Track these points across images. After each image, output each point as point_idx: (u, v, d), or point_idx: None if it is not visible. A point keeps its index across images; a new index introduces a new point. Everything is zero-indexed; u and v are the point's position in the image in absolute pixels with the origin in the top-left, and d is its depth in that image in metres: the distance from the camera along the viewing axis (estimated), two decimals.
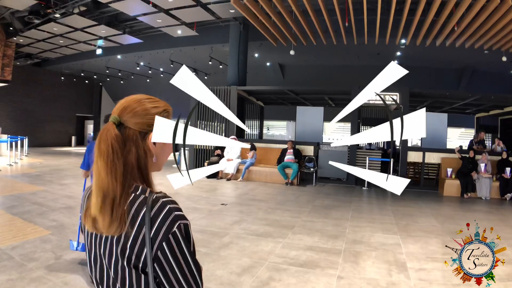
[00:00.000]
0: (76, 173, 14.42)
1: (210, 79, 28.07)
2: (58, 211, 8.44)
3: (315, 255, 6.16)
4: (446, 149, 15.91)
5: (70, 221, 7.58)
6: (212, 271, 5.28)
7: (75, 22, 17.91)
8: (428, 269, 5.62)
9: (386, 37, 16.34)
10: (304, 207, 10.16)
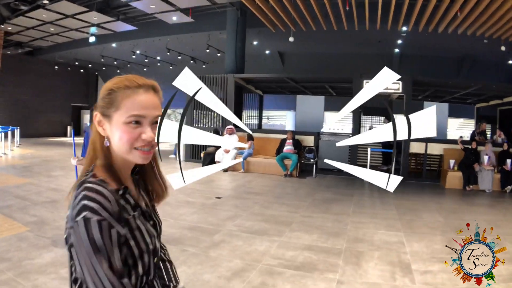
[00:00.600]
0: (65, 165, 14.02)
1: (208, 68, 27.78)
2: (40, 205, 8.08)
3: (313, 255, 5.77)
4: (449, 140, 15.59)
5: (52, 216, 7.26)
6: (199, 275, 4.87)
7: (65, 8, 17.41)
8: (434, 271, 5.24)
9: (388, 23, 15.99)
10: (303, 201, 9.77)
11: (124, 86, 1.40)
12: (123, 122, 1.37)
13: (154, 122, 1.43)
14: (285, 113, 30.62)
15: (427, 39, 18.97)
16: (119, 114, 1.37)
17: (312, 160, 14.20)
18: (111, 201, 1.28)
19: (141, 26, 20.96)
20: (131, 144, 1.38)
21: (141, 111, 1.38)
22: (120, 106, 1.37)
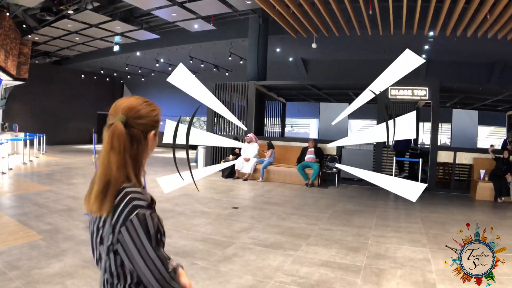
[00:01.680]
0: (87, 172, 14.13)
1: (232, 76, 27.52)
2: (57, 213, 8.05)
3: (330, 273, 5.33)
4: (479, 148, 14.97)
5: (66, 224, 7.18)
6: None
7: (89, 18, 17.67)
8: None
9: (414, 27, 15.50)
10: (323, 212, 9.33)
11: (159, 111, 1.88)
12: (154, 135, 1.83)
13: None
14: (309, 121, 30.22)
15: (455, 44, 18.43)
16: (155, 130, 1.83)
17: (335, 169, 13.73)
18: (147, 196, 1.62)
19: (164, 35, 21.06)
20: (152, 150, 1.83)
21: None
22: (158, 125, 1.86)
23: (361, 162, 14.13)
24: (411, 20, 14.92)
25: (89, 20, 17.96)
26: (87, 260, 5.26)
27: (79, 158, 19.62)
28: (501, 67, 21.82)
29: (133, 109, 1.71)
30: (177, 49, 22.54)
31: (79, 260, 5.32)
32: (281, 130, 21.79)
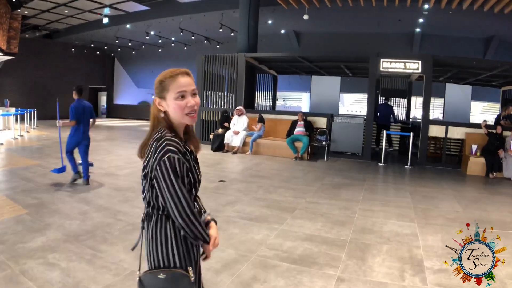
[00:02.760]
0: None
1: (223, 48, 27.24)
2: (43, 187, 7.98)
3: (314, 247, 5.18)
4: (471, 123, 14.77)
5: (52, 198, 7.09)
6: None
7: None
8: (450, 270, 4.55)
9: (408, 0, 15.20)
10: (311, 186, 9.18)
11: (169, 76, 2.02)
12: (174, 98, 1.99)
13: (193, 94, 2.04)
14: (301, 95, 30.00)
15: (450, 18, 18.18)
16: (170, 94, 2.00)
17: (324, 143, 13.63)
18: (181, 147, 1.93)
19: (154, 6, 20.94)
20: (182, 111, 2.00)
21: (183, 88, 1.99)
22: (169, 89, 2.00)
23: (351, 136, 14.00)
24: None
25: None
26: (69, 234, 5.22)
27: (68, 133, 19.28)
28: (498, 42, 21.58)
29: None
30: (167, 21, 22.29)
31: (62, 234, 5.25)
32: (272, 103, 21.54)
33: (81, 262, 4.37)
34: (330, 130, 14.26)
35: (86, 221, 5.78)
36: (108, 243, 4.97)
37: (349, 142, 14.22)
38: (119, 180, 8.75)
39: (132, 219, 5.96)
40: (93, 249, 4.75)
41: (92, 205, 6.66)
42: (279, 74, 21.26)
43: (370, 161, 13.68)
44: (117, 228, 5.53)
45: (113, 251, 4.71)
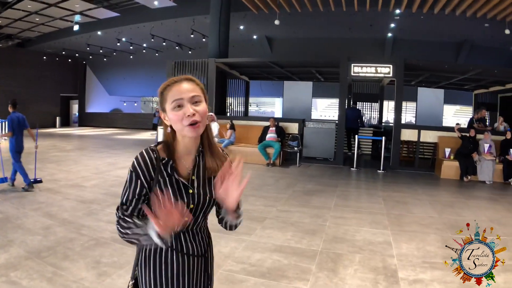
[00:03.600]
0: (44, 157, 13.38)
1: (195, 54, 27.09)
2: (8, 201, 7.63)
3: (283, 259, 4.94)
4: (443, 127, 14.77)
5: (16, 212, 6.76)
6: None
7: None
8: (426, 280, 4.41)
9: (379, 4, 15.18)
10: (282, 193, 8.95)
11: (166, 86, 1.86)
12: (171, 109, 1.80)
13: (194, 102, 1.81)
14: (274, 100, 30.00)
15: (422, 22, 18.29)
16: (168, 105, 1.82)
17: (296, 148, 13.53)
18: (146, 162, 1.80)
19: (124, 13, 20.70)
20: (180, 123, 1.79)
21: (178, 95, 1.79)
22: (167, 99, 1.82)
23: (323, 141, 13.90)
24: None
25: None
26: (31, 251, 4.99)
27: (39, 142, 18.55)
28: (469, 46, 21.80)
29: None
30: (139, 27, 22.12)
31: (24, 251, 5.03)
32: (245, 109, 21.37)
33: (42, 281, 4.18)
34: (302, 135, 14.14)
35: (49, 236, 5.54)
36: (70, 260, 4.72)
37: (321, 147, 14.14)
38: (85, 192, 8.42)
39: (95, 233, 5.69)
40: (54, 267, 4.53)
41: (56, 219, 6.36)
42: (251, 79, 21.12)
43: (342, 166, 13.62)
44: (79, 244, 5.27)
45: (74, 269, 4.48)
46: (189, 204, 1.86)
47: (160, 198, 1.69)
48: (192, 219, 1.90)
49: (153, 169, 1.81)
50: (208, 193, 1.93)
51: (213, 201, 1.95)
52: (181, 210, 1.68)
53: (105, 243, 5.29)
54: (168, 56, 24.69)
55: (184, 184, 1.87)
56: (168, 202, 1.66)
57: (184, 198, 1.85)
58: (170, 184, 1.84)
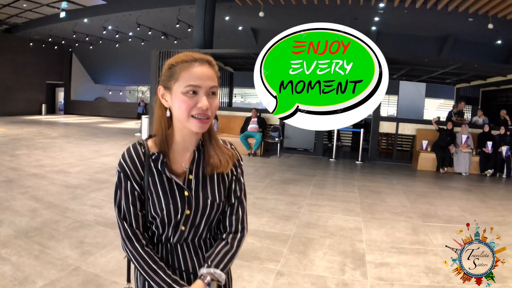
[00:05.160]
0: (31, 143, 13.62)
1: (180, 43, 27.03)
2: None
3: (257, 242, 5.11)
4: (422, 120, 14.98)
5: (4, 195, 6.90)
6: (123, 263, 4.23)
7: None
8: (392, 264, 4.58)
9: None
10: (261, 182, 9.10)
11: (181, 61, 1.55)
12: (181, 92, 1.51)
13: (210, 93, 1.55)
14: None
15: (406, 17, 18.42)
16: (178, 85, 1.52)
17: (277, 139, 13.68)
18: (133, 159, 1.60)
19: (111, 1, 20.60)
20: (188, 112, 1.51)
21: (196, 81, 1.51)
22: (179, 78, 1.52)
23: (303, 132, 14.07)
24: None
25: None
26: (19, 231, 5.17)
27: (26, 129, 18.97)
28: (453, 40, 22.01)
29: None
30: (125, 15, 21.97)
31: (13, 230, 5.20)
32: (229, 100, 21.45)
33: (29, 258, 4.35)
34: (283, 126, 14.29)
35: (35, 218, 5.69)
36: (55, 240, 4.88)
37: (302, 138, 14.30)
38: (70, 178, 8.51)
39: (80, 216, 5.84)
40: (40, 245, 4.70)
41: (42, 202, 6.49)
42: (235, 70, 21.18)
43: (322, 157, 13.79)
44: (64, 225, 5.41)
45: (59, 248, 4.64)
46: (184, 210, 1.60)
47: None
48: (191, 228, 1.65)
49: (142, 167, 1.60)
50: (210, 196, 1.66)
51: (217, 206, 1.67)
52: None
53: (88, 225, 5.44)
54: (154, 45, 24.62)
55: (178, 185, 1.61)
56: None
57: (178, 202, 1.59)
58: (161, 184, 1.60)
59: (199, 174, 1.66)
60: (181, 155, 1.65)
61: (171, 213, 1.58)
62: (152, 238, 1.65)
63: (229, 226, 1.73)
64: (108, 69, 33.67)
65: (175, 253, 1.64)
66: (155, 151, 1.60)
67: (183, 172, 1.64)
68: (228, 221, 1.73)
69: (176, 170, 1.64)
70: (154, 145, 1.63)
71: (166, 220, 1.59)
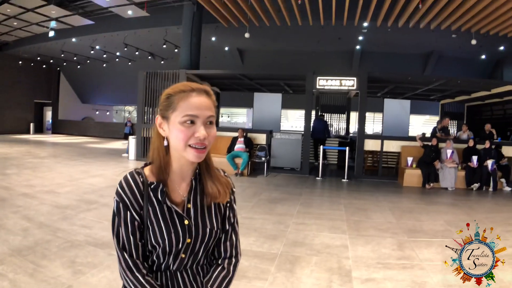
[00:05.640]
0: (21, 163, 13.73)
1: (167, 64, 27.17)
2: None
3: (245, 261, 5.14)
4: (406, 137, 15.18)
5: None
6: (119, 281, 4.29)
7: (26, 2, 17.33)
8: (378, 279, 4.65)
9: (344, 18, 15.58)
10: (248, 201, 9.13)
11: (179, 90, 1.57)
12: (179, 122, 1.52)
13: (208, 122, 1.57)
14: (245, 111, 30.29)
15: (390, 35, 18.70)
16: (176, 115, 1.54)
17: (264, 158, 13.73)
18: (131, 188, 1.57)
19: (99, 21, 20.61)
20: (185, 142, 1.52)
21: (194, 111, 1.53)
22: (177, 107, 1.54)
23: (290, 152, 14.16)
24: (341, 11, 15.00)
25: (26, 4, 17.57)
26: (14, 249, 5.23)
27: (15, 148, 19.11)
28: (437, 57, 22.38)
29: None
30: (112, 35, 22.11)
31: (7, 248, 5.26)
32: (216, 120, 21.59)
33: (25, 275, 4.42)
34: (270, 146, 14.41)
35: (28, 237, 5.73)
36: (47, 259, 4.92)
37: (288, 157, 14.37)
38: (60, 198, 8.52)
39: (70, 236, 5.86)
40: (34, 264, 4.76)
41: (33, 222, 6.52)
42: (222, 90, 21.29)
43: (308, 176, 13.87)
44: (55, 245, 5.45)
45: (52, 267, 4.69)
46: (185, 238, 1.62)
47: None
48: (190, 256, 1.67)
49: (141, 196, 1.58)
50: (209, 224, 1.69)
51: (215, 233, 1.71)
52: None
53: (79, 245, 5.46)
54: (141, 65, 24.72)
55: (179, 214, 1.63)
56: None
57: (179, 231, 1.61)
58: (161, 213, 1.61)
59: (197, 203, 1.68)
60: (178, 184, 1.66)
61: (172, 242, 1.59)
62: (152, 267, 1.63)
63: (224, 252, 1.76)
64: (95, 88, 33.79)
65: (175, 280, 1.64)
66: (153, 180, 1.61)
67: (182, 201, 1.65)
68: (223, 247, 1.76)
69: (174, 199, 1.64)
70: (152, 174, 1.63)
71: (167, 249, 1.59)
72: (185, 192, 1.66)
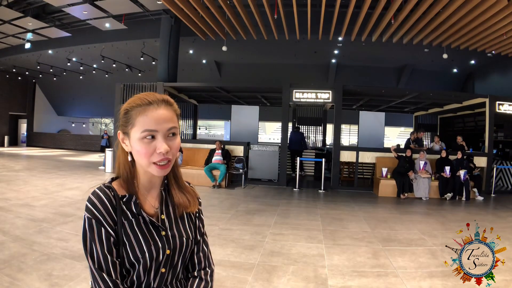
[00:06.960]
0: None
1: (144, 76, 27.30)
2: None
3: (222, 272, 5.22)
4: (381, 148, 15.44)
5: None
6: None
7: (3, 14, 17.12)
8: (353, 287, 4.78)
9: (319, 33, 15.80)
10: (226, 213, 9.20)
11: (136, 105, 1.53)
12: (138, 138, 1.50)
13: (170, 134, 1.54)
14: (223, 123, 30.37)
15: (365, 49, 19.02)
16: (135, 131, 1.51)
17: (241, 170, 13.83)
18: (103, 203, 1.52)
19: (76, 33, 20.49)
20: (148, 159, 1.50)
21: (152, 126, 1.49)
22: (135, 123, 1.51)
23: (267, 163, 14.27)
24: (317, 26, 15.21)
25: (3, 16, 17.43)
26: None
27: None
28: (410, 70, 22.78)
29: None
30: (89, 48, 22.09)
31: None
32: (193, 132, 21.58)
33: None
34: (247, 158, 14.51)
35: (3, 251, 5.69)
36: (24, 272, 4.90)
37: (266, 169, 14.53)
38: (35, 211, 8.47)
39: (46, 249, 5.83)
40: (10, 277, 4.74)
41: (9, 235, 6.47)
42: (199, 103, 21.33)
43: (286, 187, 13.98)
44: (32, 258, 5.42)
45: (28, 280, 4.68)
46: (165, 250, 1.59)
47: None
48: (170, 269, 1.64)
49: (114, 211, 1.53)
50: (184, 233, 1.68)
51: (191, 243, 1.71)
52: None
53: (55, 258, 5.45)
54: (118, 77, 24.68)
55: (155, 225, 1.61)
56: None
57: (158, 243, 1.58)
58: (138, 226, 1.57)
59: (170, 213, 1.67)
60: (148, 196, 1.65)
61: (153, 254, 1.55)
62: (132, 287, 1.56)
63: (198, 263, 1.75)
64: (72, 101, 33.53)
65: None
66: (124, 194, 1.58)
67: (155, 213, 1.63)
68: (197, 259, 1.75)
69: (147, 210, 1.62)
70: (121, 187, 1.60)
71: (148, 264, 1.54)
72: (156, 203, 1.66)
